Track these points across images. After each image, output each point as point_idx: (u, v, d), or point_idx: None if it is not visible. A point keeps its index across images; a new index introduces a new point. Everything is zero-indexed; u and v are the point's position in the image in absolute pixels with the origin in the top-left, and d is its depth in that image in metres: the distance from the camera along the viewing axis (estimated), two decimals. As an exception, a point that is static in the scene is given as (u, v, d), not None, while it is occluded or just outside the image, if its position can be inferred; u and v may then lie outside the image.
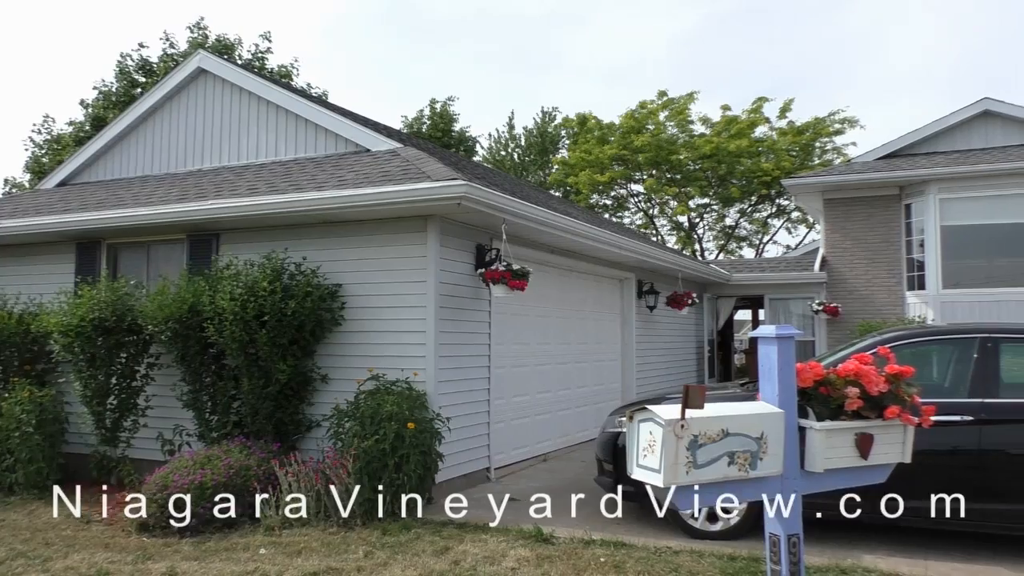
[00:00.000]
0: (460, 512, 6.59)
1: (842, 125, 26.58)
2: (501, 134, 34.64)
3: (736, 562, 5.16)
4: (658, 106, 27.72)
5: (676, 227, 30.64)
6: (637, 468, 2.64)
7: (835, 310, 14.32)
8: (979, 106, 14.29)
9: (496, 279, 7.34)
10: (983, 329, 5.79)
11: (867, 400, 2.83)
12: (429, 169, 7.20)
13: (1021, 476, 5.22)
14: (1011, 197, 13.03)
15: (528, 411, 9.10)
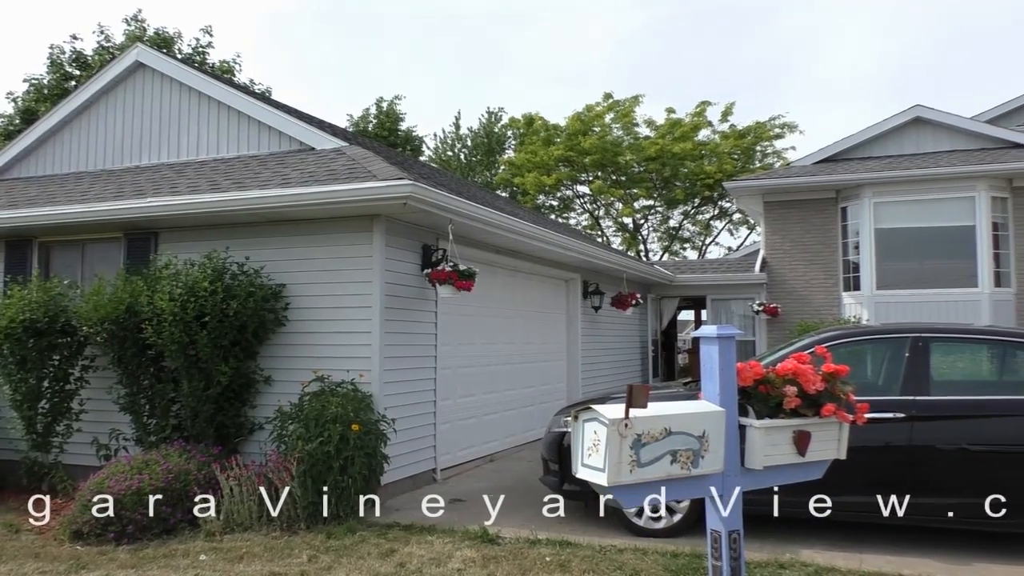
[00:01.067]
0: (406, 514, 6.55)
1: (782, 130, 27.24)
2: (447, 134, 34.59)
3: (679, 559, 5.25)
4: (604, 108, 27.99)
5: (621, 228, 30.97)
6: (582, 467, 2.66)
7: (775, 310, 14.65)
8: (911, 113, 14.79)
9: (443, 279, 7.32)
10: (914, 329, 5.99)
11: (805, 398, 2.90)
12: (375, 168, 7.14)
13: (950, 471, 5.42)
14: (940, 201, 13.51)
15: (475, 412, 9.09)
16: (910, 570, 5.07)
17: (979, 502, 5.32)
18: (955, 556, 5.40)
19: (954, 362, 6.33)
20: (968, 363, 6.43)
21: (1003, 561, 5.30)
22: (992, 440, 5.38)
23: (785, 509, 5.73)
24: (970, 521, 5.38)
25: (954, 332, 6.13)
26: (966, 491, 5.36)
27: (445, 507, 6.88)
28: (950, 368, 6.25)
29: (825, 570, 5.04)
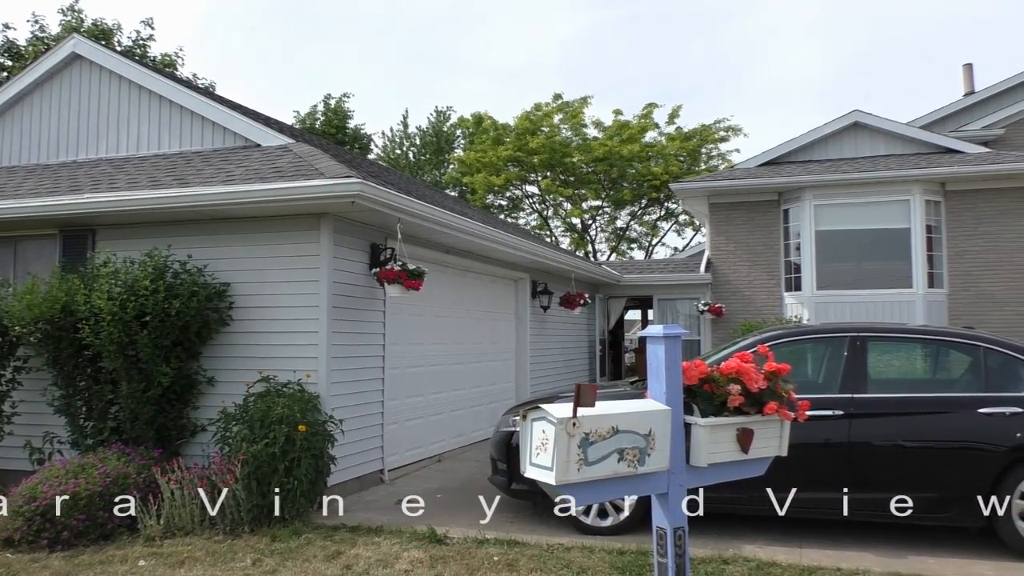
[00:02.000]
0: (353, 515, 6.49)
1: (727, 133, 27.76)
2: (396, 132, 34.37)
3: (625, 556, 5.30)
4: (553, 109, 28.13)
5: (570, 228, 31.16)
6: (530, 466, 2.67)
7: (719, 310, 14.90)
8: (850, 118, 15.21)
9: (391, 279, 7.27)
10: (852, 328, 6.16)
11: (748, 397, 2.96)
12: (323, 166, 7.05)
13: (886, 466, 5.59)
14: (877, 204, 13.92)
15: (423, 412, 9.05)
16: (847, 563, 5.22)
17: (913, 496, 5.50)
18: (890, 549, 5.57)
19: (890, 361, 6.53)
20: (903, 361, 6.65)
21: (935, 553, 5.49)
22: (925, 436, 5.56)
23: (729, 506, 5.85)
24: (905, 515, 5.55)
25: (889, 331, 6.32)
26: (901, 486, 5.53)
27: (393, 507, 6.84)
28: (886, 366, 6.44)
29: (767, 565, 5.15)
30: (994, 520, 5.37)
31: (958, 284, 13.71)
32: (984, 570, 5.09)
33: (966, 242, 13.71)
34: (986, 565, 5.19)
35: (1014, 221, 13.54)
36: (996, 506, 5.34)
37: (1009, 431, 5.37)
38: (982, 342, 5.88)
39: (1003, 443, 5.36)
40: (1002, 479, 5.35)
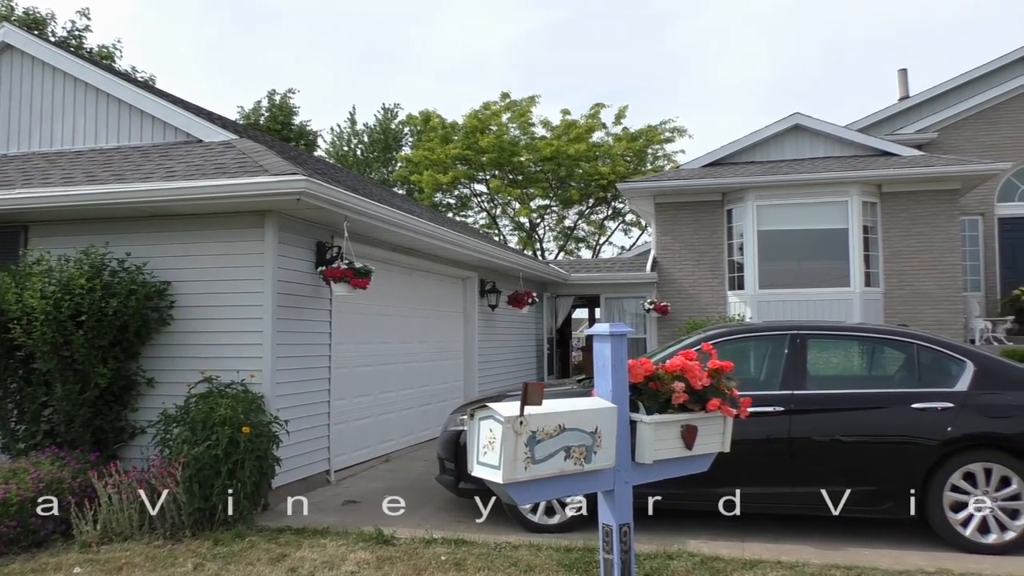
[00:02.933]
0: (298, 517, 6.41)
1: (672, 134, 28.12)
2: (343, 129, 33.98)
3: (572, 553, 5.34)
4: (501, 107, 28.14)
5: (518, 227, 31.22)
6: (478, 465, 2.67)
7: (665, 309, 15.11)
8: (791, 120, 15.57)
9: (338, 277, 7.19)
10: (792, 326, 6.31)
11: (692, 394, 3.00)
12: (267, 163, 6.94)
13: (825, 461, 5.74)
14: (817, 205, 14.28)
15: (370, 411, 8.97)
16: (787, 556, 5.34)
17: (852, 490, 5.66)
18: (829, 541, 5.72)
19: (829, 358, 6.70)
20: (841, 359, 6.83)
21: (871, 545, 5.66)
22: (862, 431, 5.72)
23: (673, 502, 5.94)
24: (844, 508, 5.71)
25: (828, 329, 6.49)
26: (840, 480, 5.69)
27: (339, 509, 6.77)
28: (825, 364, 6.61)
29: (710, 559, 5.24)
30: (927, 512, 5.55)
31: (893, 283, 14.15)
32: (917, 560, 5.26)
33: (901, 242, 14.16)
34: (919, 555, 5.37)
35: (945, 222, 14.03)
36: (928, 498, 5.53)
37: (941, 425, 5.55)
38: (915, 339, 6.07)
39: (935, 437, 5.54)
40: (934, 472, 5.54)
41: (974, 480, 5.50)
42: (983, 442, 5.51)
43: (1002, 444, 5.48)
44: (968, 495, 5.49)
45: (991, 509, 5.45)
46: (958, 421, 5.54)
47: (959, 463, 5.51)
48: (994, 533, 5.44)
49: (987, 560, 5.24)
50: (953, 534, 5.48)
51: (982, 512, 5.46)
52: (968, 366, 5.78)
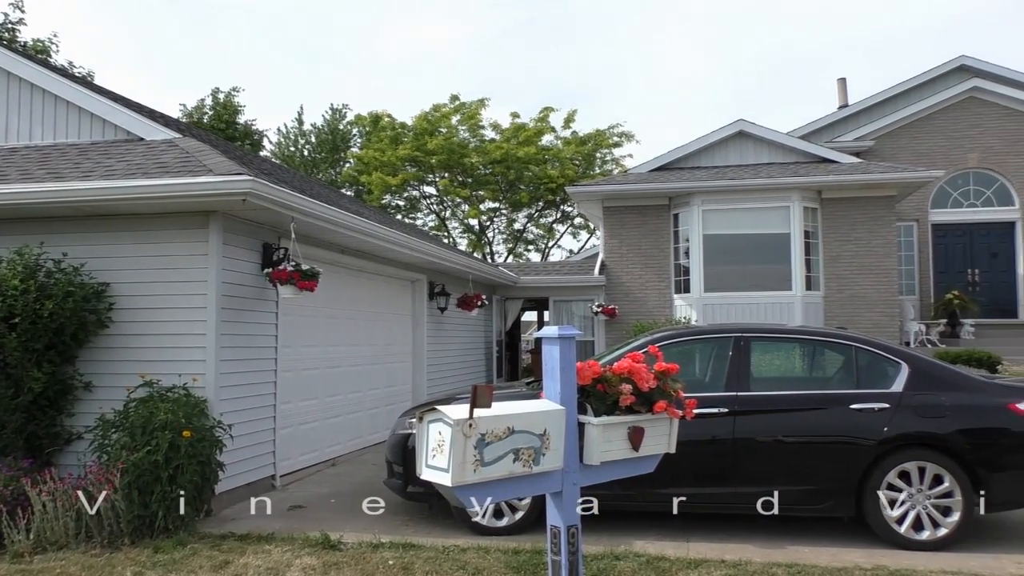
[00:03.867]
0: (242, 523, 6.30)
1: (620, 138, 28.47)
2: (290, 129, 33.50)
3: (520, 556, 5.35)
4: (451, 109, 28.10)
5: (467, 230, 31.21)
6: (426, 468, 2.66)
7: (612, 311, 15.25)
8: (735, 127, 15.89)
9: (284, 279, 7.09)
10: (736, 329, 6.43)
11: (639, 396, 3.04)
12: (211, 162, 6.81)
13: (768, 461, 5.86)
14: (760, 210, 14.60)
15: (317, 415, 8.86)
16: (731, 555, 5.44)
17: (793, 489, 5.80)
18: (771, 540, 5.84)
19: (771, 360, 6.85)
20: (783, 360, 6.99)
21: (811, 543, 5.79)
22: (803, 432, 5.86)
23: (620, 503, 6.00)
24: (786, 507, 5.84)
25: (770, 332, 6.63)
26: (782, 480, 5.82)
27: (285, 514, 6.67)
28: (768, 365, 6.76)
29: (656, 559, 5.30)
30: (864, 509, 5.71)
31: (833, 287, 14.53)
32: (854, 557, 5.40)
33: (840, 247, 14.56)
34: (856, 552, 5.52)
35: (882, 228, 14.48)
36: (866, 496, 5.69)
37: (878, 425, 5.72)
38: (854, 341, 6.25)
39: (872, 437, 5.71)
40: (871, 471, 5.70)
41: (909, 478, 5.67)
42: (917, 441, 5.69)
43: (935, 443, 5.67)
44: (903, 493, 5.67)
45: (924, 507, 5.63)
46: (894, 421, 5.71)
47: (895, 462, 5.69)
48: (927, 530, 5.62)
49: (920, 556, 5.42)
50: (889, 531, 5.65)
51: (916, 510, 5.64)
52: (903, 368, 5.96)
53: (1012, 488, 5.64)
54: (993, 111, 16.93)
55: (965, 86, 17.08)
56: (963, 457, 5.60)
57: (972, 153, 16.93)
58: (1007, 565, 5.21)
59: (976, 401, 5.77)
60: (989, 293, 16.86)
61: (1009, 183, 16.80)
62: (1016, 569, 5.11)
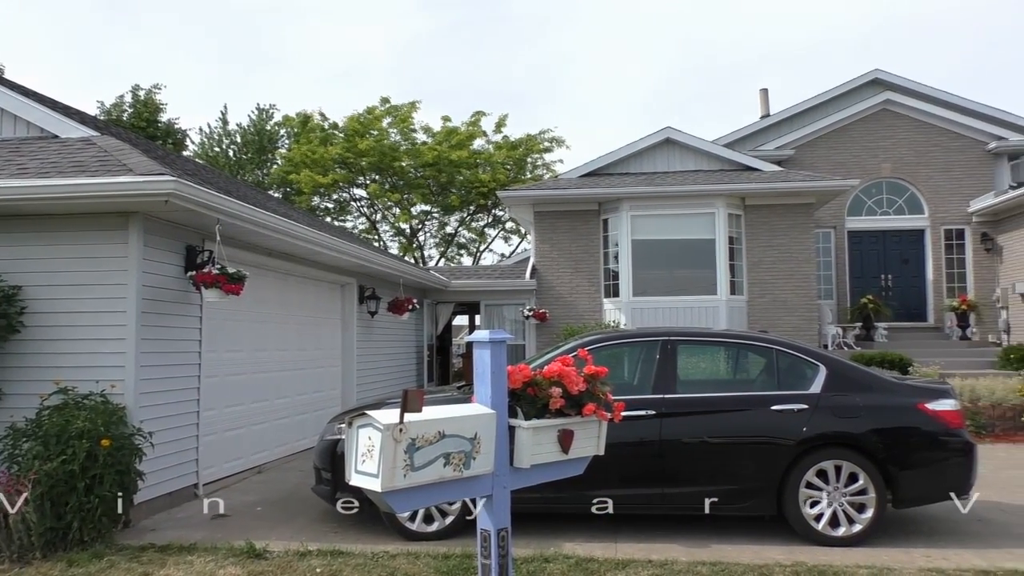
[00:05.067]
0: (163, 534, 6.11)
1: (551, 143, 28.71)
2: (214, 129, 32.63)
3: (450, 560, 5.35)
4: (382, 112, 27.86)
5: (399, 233, 30.97)
6: (355, 474, 2.64)
7: (543, 315, 15.36)
8: (662, 134, 16.22)
9: (208, 283, 6.91)
10: (663, 332, 6.56)
11: (568, 399, 3.08)
12: (131, 162, 6.59)
13: (693, 462, 6.00)
14: (687, 216, 14.94)
15: (243, 421, 8.66)
16: (657, 555, 5.55)
17: (718, 489, 5.95)
18: (696, 539, 5.98)
19: (697, 362, 7.01)
20: (708, 363, 7.17)
21: (734, 541, 5.95)
22: (727, 433, 6.02)
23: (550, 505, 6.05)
24: (711, 507, 5.99)
25: (696, 335, 6.79)
26: (707, 480, 5.96)
27: (208, 523, 6.50)
28: (694, 368, 6.92)
29: (585, 561, 5.37)
30: (784, 508, 5.90)
31: (756, 291, 14.96)
32: (775, 555, 5.58)
33: (762, 253, 15.01)
34: (777, 550, 5.70)
35: (802, 234, 14.99)
36: (786, 495, 5.88)
37: (797, 426, 5.92)
38: (775, 344, 6.45)
39: (792, 437, 5.90)
40: (791, 470, 5.89)
41: (826, 477, 5.89)
42: (834, 441, 5.91)
43: (851, 443, 5.90)
44: (821, 491, 5.87)
45: (841, 504, 5.85)
46: (812, 421, 5.92)
47: (813, 461, 5.89)
48: (843, 526, 5.84)
49: (836, 552, 5.62)
50: (807, 528, 5.85)
51: (833, 507, 5.85)
52: (821, 370, 6.18)
53: (921, 485, 5.92)
54: (904, 123, 17.71)
55: (878, 99, 17.82)
56: (876, 456, 5.85)
57: (885, 163, 17.67)
58: (916, 559, 5.45)
59: (888, 401, 6.03)
60: (901, 297, 17.61)
61: (919, 192, 17.60)
62: (925, 562, 5.36)
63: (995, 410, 11.15)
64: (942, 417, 5.94)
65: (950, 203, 17.39)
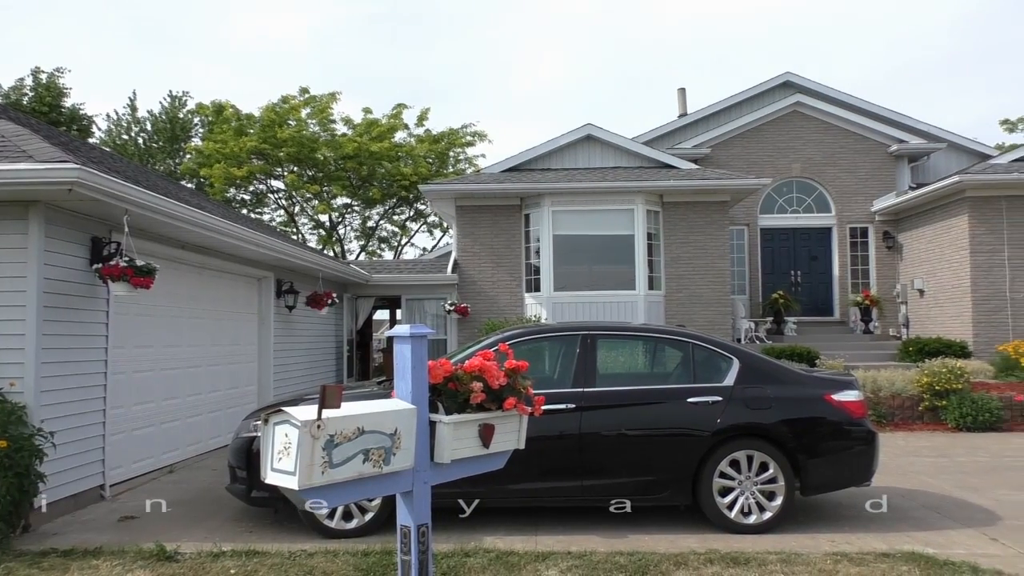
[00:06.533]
0: (66, 537, 5.84)
1: (473, 138, 28.67)
2: (123, 116, 31.33)
3: (370, 557, 5.29)
4: (300, 102, 27.26)
5: (318, 226, 30.40)
6: (271, 472, 2.58)
7: (465, 310, 15.35)
8: (584, 131, 16.41)
9: (116, 276, 6.63)
10: (583, 327, 6.65)
11: (489, 393, 3.08)
12: (32, 148, 6.27)
13: (613, 454, 6.10)
14: (607, 212, 15.17)
15: (153, 419, 8.36)
16: (577, 546, 5.62)
17: (636, 480, 6.06)
18: (614, 530, 6.08)
19: (616, 356, 7.13)
20: (627, 357, 7.29)
21: (650, 531, 6.08)
22: (644, 425, 6.14)
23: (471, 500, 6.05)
24: (629, 498, 6.11)
25: (615, 330, 6.90)
26: (625, 471, 6.07)
27: (115, 526, 6.25)
28: (613, 362, 7.03)
29: (505, 554, 5.39)
30: (699, 498, 6.06)
31: (673, 286, 15.32)
32: (690, 543, 5.72)
33: (679, 249, 15.37)
34: (692, 538, 5.85)
35: (717, 231, 15.41)
36: (700, 485, 6.04)
37: (711, 417, 6.09)
38: (690, 338, 6.62)
39: (706, 428, 6.07)
40: (705, 460, 6.06)
41: (739, 467, 6.08)
42: (746, 432, 6.11)
43: (762, 433, 6.10)
44: (733, 480, 6.06)
45: (752, 492, 6.05)
46: (726, 413, 6.10)
47: (726, 451, 6.07)
48: (754, 514, 6.04)
49: (748, 539, 5.81)
50: (721, 517, 6.03)
51: (745, 495, 6.05)
52: (735, 363, 6.38)
53: (827, 473, 6.17)
54: (813, 125, 18.41)
55: (789, 101, 18.47)
56: (786, 445, 6.07)
57: (795, 163, 18.33)
58: (822, 543, 5.69)
59: (797, 393, 6.26)
60: (809, 293, 18.33)
61: (827, 192, 18.33)
62: (830, 547, 5.59)
63: (895, 400, 11.73)
64: (847, 407, 6.21)
65: (855, 202, 18.18)
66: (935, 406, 11.54)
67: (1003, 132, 32.89)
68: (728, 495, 6.05)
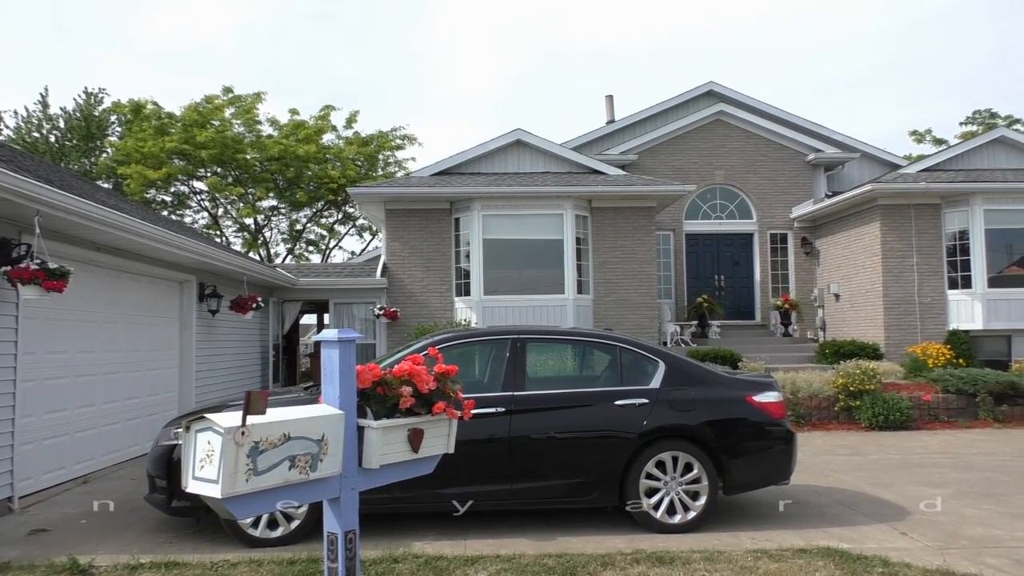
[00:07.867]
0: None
1: (403, 141, 28.50)
2: (32, 113, 30.00)
3: (296, 566, 5.19)
4: (224, 102, 26.62)
5: (243, 228, 29.70)
6: (193, 480, 2.51)
7: (394, 314, 15.23)
8: (513, 135, 16.51)
9: (27, 279, 6.35)
10: (513, 331, 6.68)
11: (419, 398, 3.07)
12: (-66, 144, 5.95)
13: (541, 457, 6.14)
14: (536, 217, 15.28)
15: (66, 428, 8.02)
16: (506, 550, 5.64)
17: (564, 482, 6.12)
18: (543, 533, 6.12)
19: (545, 360, 7.19)
20: (556, 361, 7.36)
21: (578, 533, 6.14)
22: (572, 428, 6.21)
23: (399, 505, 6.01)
24: (558, 500, 6.16)
25: (544, 333, 6.96)
26: (554, 474, 6.12)
27: (25, 539, 5.97)
28: (542, 365, 7.08)
29: (434, 559, 5.37)
30: (626, 498, 6.15)
31: (602, 290, 15.52)
32: (617, 543, 5.81)
33: (608, 253, 15.59)
34: (619, 539, 5.93)
35: (644, 236, 15.69)
36: (627, 486, 6.13)
37: (638, 420, 6.19)
38: (618, 342, 6.72)
39: (633, 430, 6.17)
40: (632, 462, 6.16)
41: (664, 468, 6.20)
42: (671, 433, 6.23)
43: (686, 434, 6.24)
44: (659, 481, 6.18)
45: (677, 493, 6.18)
46: (652, 415, 6.21)
47: (652, 453, 6.18)
48: (679, 514, 6.17)
49: (673, 538, 5.93)
50: (647, 517, 6.13)
51: (670, 496, 6.17)
52: (661, 365, 6.50)
53: (749, 472, 6.35)
54: (735, 133, 18.94)
55: (712, 110, 18.97)
56: (709, 446, 6.22)
57: (719, 170, 18.83)
58: (744, 541, 5.85)
59: (720, 394, 6.43)
60: (733, 297, 18.84)
61: (749, 199, 18.88)
62: (751, 544, 5.76)
63: (812, 401, 12.15)
64: (767, 408, 6.41)
65: (776, 209, 18.78)
66: (850, 406, 12.01)
67: (912, 143, 34.49)
68: (654, 495, 6.16)
